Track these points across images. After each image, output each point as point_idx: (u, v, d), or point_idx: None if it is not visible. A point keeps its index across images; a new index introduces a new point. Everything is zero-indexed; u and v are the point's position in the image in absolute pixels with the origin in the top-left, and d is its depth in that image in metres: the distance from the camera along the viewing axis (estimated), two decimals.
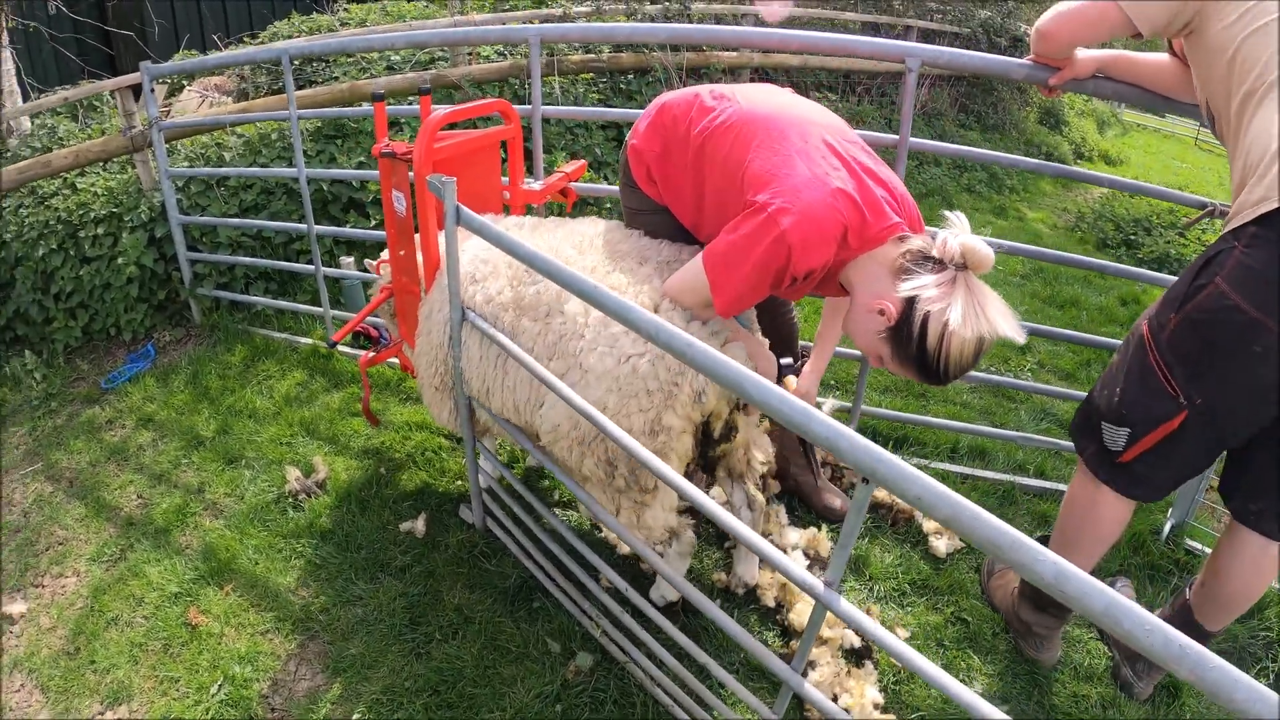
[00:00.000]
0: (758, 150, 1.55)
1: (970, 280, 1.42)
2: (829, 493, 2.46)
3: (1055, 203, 7.10)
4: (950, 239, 1.44)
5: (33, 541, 2.68)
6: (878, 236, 1.52)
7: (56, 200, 3.81)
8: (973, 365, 1.46)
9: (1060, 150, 8.66)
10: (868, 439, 1.01)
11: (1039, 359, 3.60)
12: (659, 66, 4.84)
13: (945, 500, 0.83)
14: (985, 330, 1.40)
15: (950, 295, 1.41)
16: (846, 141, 1.61)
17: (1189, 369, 1.47)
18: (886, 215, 1.53)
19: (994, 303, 1.42)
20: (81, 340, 3.88)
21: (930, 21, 7.50)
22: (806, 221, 1.45)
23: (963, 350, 1.42)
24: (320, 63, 4.78)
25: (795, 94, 1.78)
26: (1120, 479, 1.67)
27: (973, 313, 1.39)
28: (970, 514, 0.81)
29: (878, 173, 1.59)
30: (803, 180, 1.48)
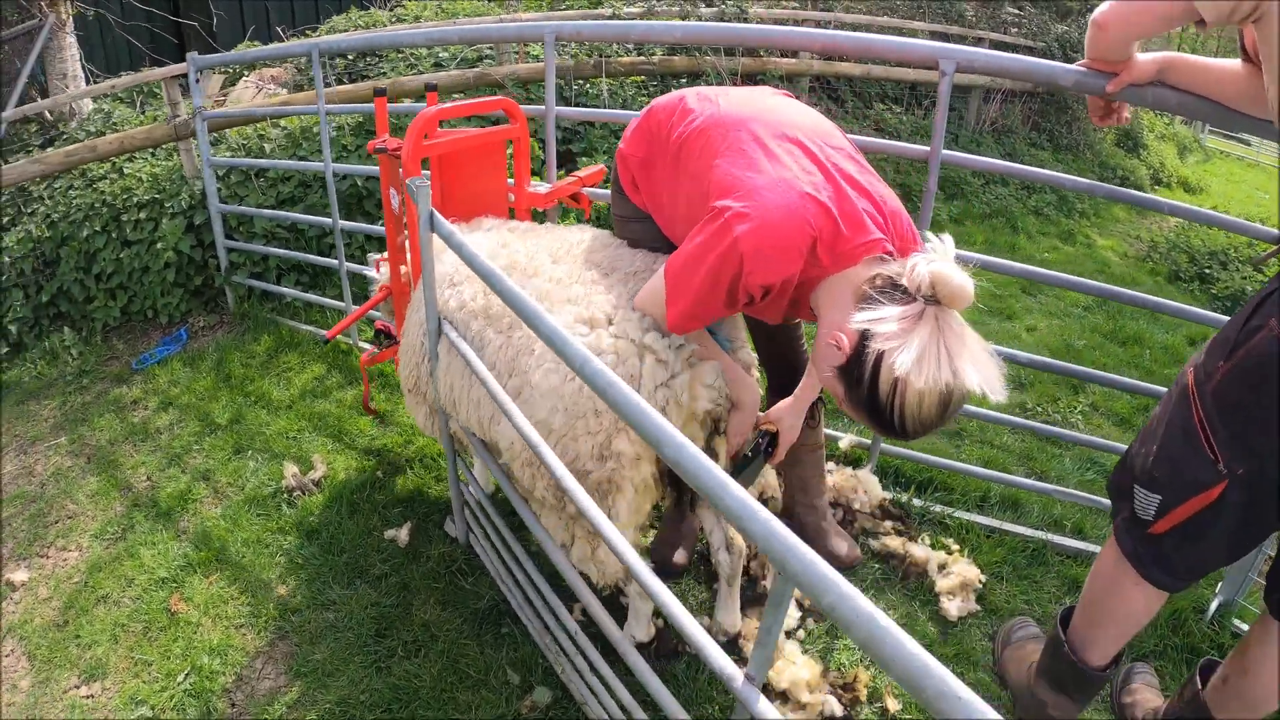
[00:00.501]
0: (725, 153, 1.47)
1: (942, 317, 1.24)
2: (835, 537, 2.36)
3: (1128, 230, 6.75)
4: (920, 264, 1.26)
5: (45, 513, 2.85)
6: (854, 252, 1.39)
7: (104, 184, 4.10)
8: (939, 421, 1.28)
9: (1137, 175, 8.23)
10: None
11: (1092, 401, 3.39)
12: (712, 71, 4.83)
13: (863, 620, 0.71)
14: (946, 381, 1.20)
15: (910, 334, 1.23)
16: (830, 147, 1.49)
17: (1233, 429, 1.31)
18: (866, 230, 1.40)
19: (967, 347, 1.24)
20: (120, 320, 4.14)
21: (1005, 34, 7.27)
22: (763, 229, 1.34)
23: (921, 402, 1.23)
24: (374, 58, 4.98)
25: (786, 97, 1.70)
26: (1145, 555, 1.52)
27: (934, 358, 1.21)
28: (893, 643, 0.69)
29: (862, 183, 1.46)
30: (767, 182, 1.38)
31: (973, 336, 1.27)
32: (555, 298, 1.62)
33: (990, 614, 2.21)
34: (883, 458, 2.70)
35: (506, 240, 1.88)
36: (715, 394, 1.56)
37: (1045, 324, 4.23)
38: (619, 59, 4.82)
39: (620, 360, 1.50)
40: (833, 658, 2.03)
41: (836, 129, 1.61)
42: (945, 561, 2.29)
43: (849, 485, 2.53)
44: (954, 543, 2.36)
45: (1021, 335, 4.07)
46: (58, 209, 4.07)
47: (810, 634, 2.08)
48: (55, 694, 2.10)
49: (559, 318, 1.54)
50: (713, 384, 1.56)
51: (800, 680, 1.87)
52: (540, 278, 1.67)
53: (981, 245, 5.45)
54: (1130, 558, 1.54)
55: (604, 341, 1.51)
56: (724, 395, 1.59)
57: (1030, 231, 5.95)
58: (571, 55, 4.72)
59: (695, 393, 1.54)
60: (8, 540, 2.75)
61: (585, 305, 1.57)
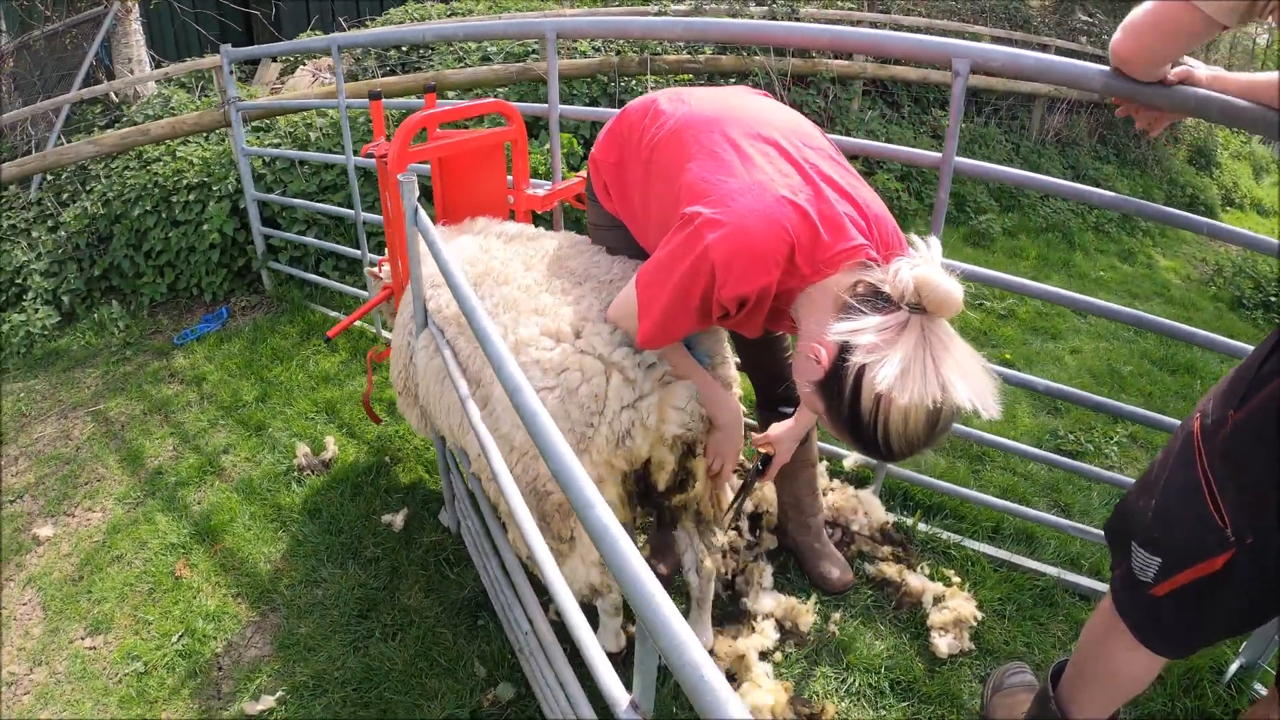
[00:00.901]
0: (696, 156, 1.41)
1: (929, 327, 1.17)
2: (827, 560, 2.35)
3: (1194, 251, 6.42)
4: (903, 269, 1.19)
5: (76, 474, 3.09)
6: (834, 259, 1.32)
7: (157, 165, 4.41)
8: (928, 441, 1.20)
9: (1208, 194, 7.83)
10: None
11: (1131, 431, 3.25)
12: (760, 71, 4.84)
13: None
14: (934, 396, 1.13)
15: (892, 345, 1.16)
16: (808, 148, 1.44)
17: (1243, 489, 1.18)
18: (847, 235, 1.34)
19: (956, 358, 1.16)
20: (166, 296, 4.44)
21: (1073, 42, 7.03)
22: (736, 237, 1.28)
23: (906, 420, 1.16)
24: (427, 50, 5.18)
25: (761, 96, 1.65)
26: (1142, 617, 1.41)
27: (919, 372, 1.14)
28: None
29: (843, 185, 1.40)
30: (740, 186, 1.32)
31: (962, 347, 1.20)
32: (523, 307, 1.59)
33: (986, 654, 2.15)
34: (889, 479, 2.67)
35: (489, 245, 1.89)
36: (686, 417, 1.51)
37: (1091, 346, 4.08)
38: (665, 57, 4.87)
39: (585, 378, 1.46)
40: (806, 685, 2.02)
41: (816, 129, 1.56)
42: (942, 594, 2.25)
43: (849, 505, 2.51)
44: (955, 575, 2.32)
45: (1064, 357, 3.94)
46: (113, 188, 4.40)
47: (788, 658, 2.08)
48: (62, 643, 2.29)
49: (525, 329, 1.53)
50: (684, 407, 1.51)
51: (763, 705, 1.85)
52: (510, 285, 1.65)
53: (1034, 261, 5.30)
54: (1126, 618, 1.43)
55: (569, 358, 1.47)
56: (696, 418, 1.54)
57: (1088, 248, 5.74)
58: (618, 52, 4.80)
59: (664, 415, 1.49)
60: (39, 497, 2.99)
61: (552, 317, 1.53)
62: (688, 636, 0.66)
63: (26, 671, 2.22)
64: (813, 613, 2.20)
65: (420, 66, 5.15)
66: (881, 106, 6.07)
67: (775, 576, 2.31)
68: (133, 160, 4.60)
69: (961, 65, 1.86)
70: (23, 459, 3.26)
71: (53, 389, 3.79)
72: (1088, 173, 6.70)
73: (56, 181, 4.76)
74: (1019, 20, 7.12)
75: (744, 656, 2.02)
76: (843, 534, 2.50)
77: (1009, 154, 6.37)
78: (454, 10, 5.59)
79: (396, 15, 5.60)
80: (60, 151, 4.31)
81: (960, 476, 2.79)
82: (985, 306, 4.39)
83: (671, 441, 1.54)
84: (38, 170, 4.49)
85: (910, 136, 5.93)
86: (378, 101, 2.31)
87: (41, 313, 4.19)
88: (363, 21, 5.92)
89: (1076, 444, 3.12)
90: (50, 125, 4.99)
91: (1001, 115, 6.70)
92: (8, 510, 2.93)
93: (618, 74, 4.66)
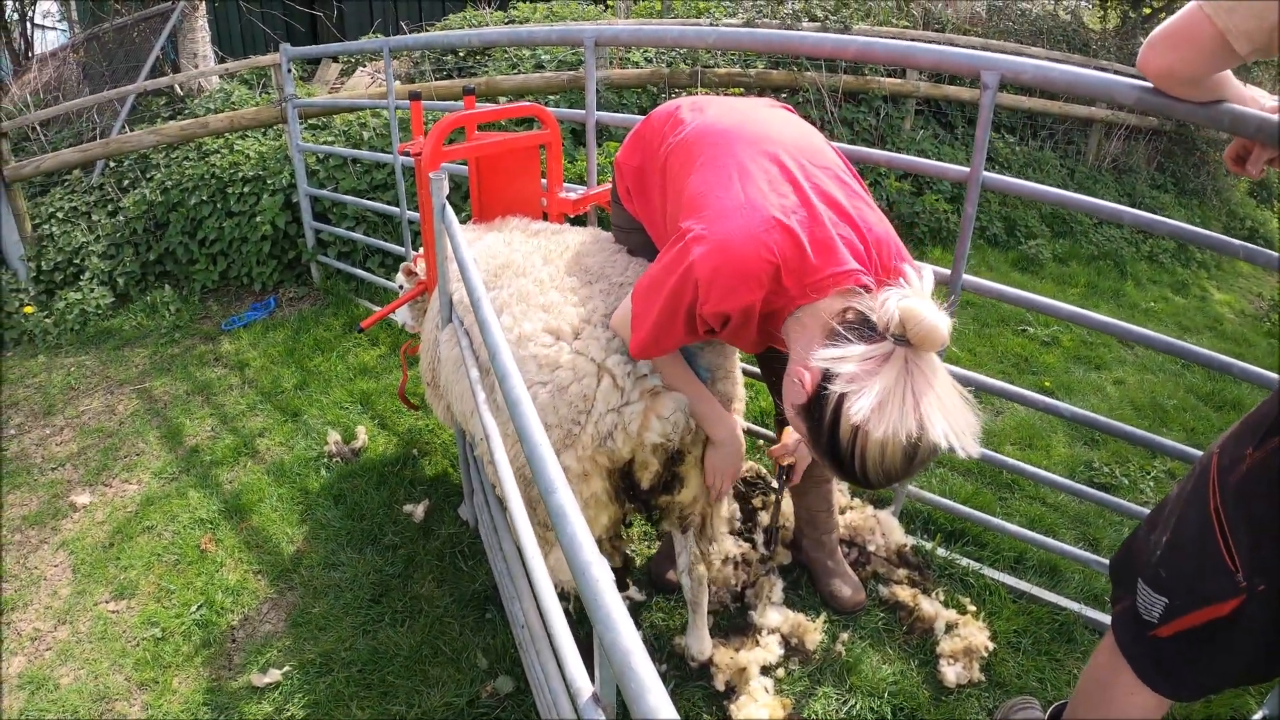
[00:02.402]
0: (699, 169, 1.45)
1: (913, 360, 1.16)
2: (839, 579, 2.33)
3: (1250, 285, 6.17)
4: (891, 299, 1.18)
5: (117, 447, 3.24)
6: (822, 283, 1.33)
7: (215, 157, 4.61)
8: (905, 473, 1.20)
9: (1268, 228, 7.51)
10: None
11: (1169, 467, 3.15)
12: (810, 86, 4.84)
13: None
14: (909, 431, 1.13)
15: (873, 376, 1.15)
16: (814, 166, 1.44)
17: (1257, 532, 1.14)
18: (838, 259, 1.34)
19: (939, 394, 1.16)
20: (217, 283, 4.63)
21: (1133, 66, 6.85)
22: (720, 252, 1.31)
23: (883, 452, 1.16)
24: (483, 56, 5.33)
25: (783, 109, 1.67)
26: (1145, 659, 1.36)
27: (896, 406, 1.13)
28: None
29: (846, 207, 1.40)
30: (732, 205, 1.35)
31: (946, 382, 1.19)
32: (532, 301, 1.64)
33: (996, 687, 2.11)
34: (911, 502, 2.64)
35: (512, 239, 1.95)
36: (668, 428, 1.54)
37: (1136, 378, 3.96)
38: (716, 69, 4.92)
39: (577, 377, 1.52)
40: (806, 704, 2.01)
41: (827, 147, 1.58)
42: (955, 622, 2.22)
43: (866, 525, 2.49)
44: (970, 603, 2.28)
45: (1107, 388, 3.84)
46: (172, 177, 4.62)
47: (790, 675, 2.07)
48: (88, 604, 2.41)
49: (529, 324, 1.58)
50: (667, 417, 1.54)
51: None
52: (527, 278, 1.71)
53: (1083, 288, 5.18)
54: (1128, 656, 1.39)
55: (563, 356, 1.53)
56: (679, 430, 1.56)
57: (1140, 278, 5.58)
58: (668, 63, 4.87)
59: (647, 423, 1.53)
60: (80, 467, 3.14)
61: (556, 314, 1.58)
62: (624, 624, 0.68)
63: (51, 629, 2.34)
64: (820, 631, 2.18)
65: (474, 71, 5.30)
66: (934, 126, 6.01)
67: (786, 592, 2.30)
68: (192, 151, 4.82)
69: (990, 78, 1.85)
70: (67, 429, 3.43)
71: (102, 365, 3.99)
72: (1144, 201, 6.53)
73: (118, 168, 5.02)
74: (1078, 44, 7.00)
75: (745, 670, 2.02)
76: (859, 554, 2.48)
77: (1064, 179, 6.25)
78: (511, 18, 5.74)
79: (455, 21, 5.78)
80: (123, 139, 4.55)
81: (985, 503, 2.74)
82: (1029, 333, 4.31)
83: (652, 447, 1.58)
84: (101, 156, 4.75)
85: (961, 158, 5.86)
86: (417, 102, 2.40)
87: (97, 293, 4.41)
88: (423, 25, 6.12)
89: (1110, 477, 3.04)
90: (115, 114, 5.27)
91: (1058, 139, 6.58)
92: (48, 476, 3.08)
93: (668, 85, 4.72)
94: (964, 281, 2.14)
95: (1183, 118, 1.59)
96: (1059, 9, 8.15)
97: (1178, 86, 1.47)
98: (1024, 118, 6.47)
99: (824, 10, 5.22)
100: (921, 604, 2.27)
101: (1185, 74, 1.38)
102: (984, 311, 4.46)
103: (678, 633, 2.16)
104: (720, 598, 2.26)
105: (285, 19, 6.62)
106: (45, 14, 8.29)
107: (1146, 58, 1.40)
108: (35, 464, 3.17)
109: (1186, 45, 1.31)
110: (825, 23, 4.93)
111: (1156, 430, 3.41)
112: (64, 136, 5.39)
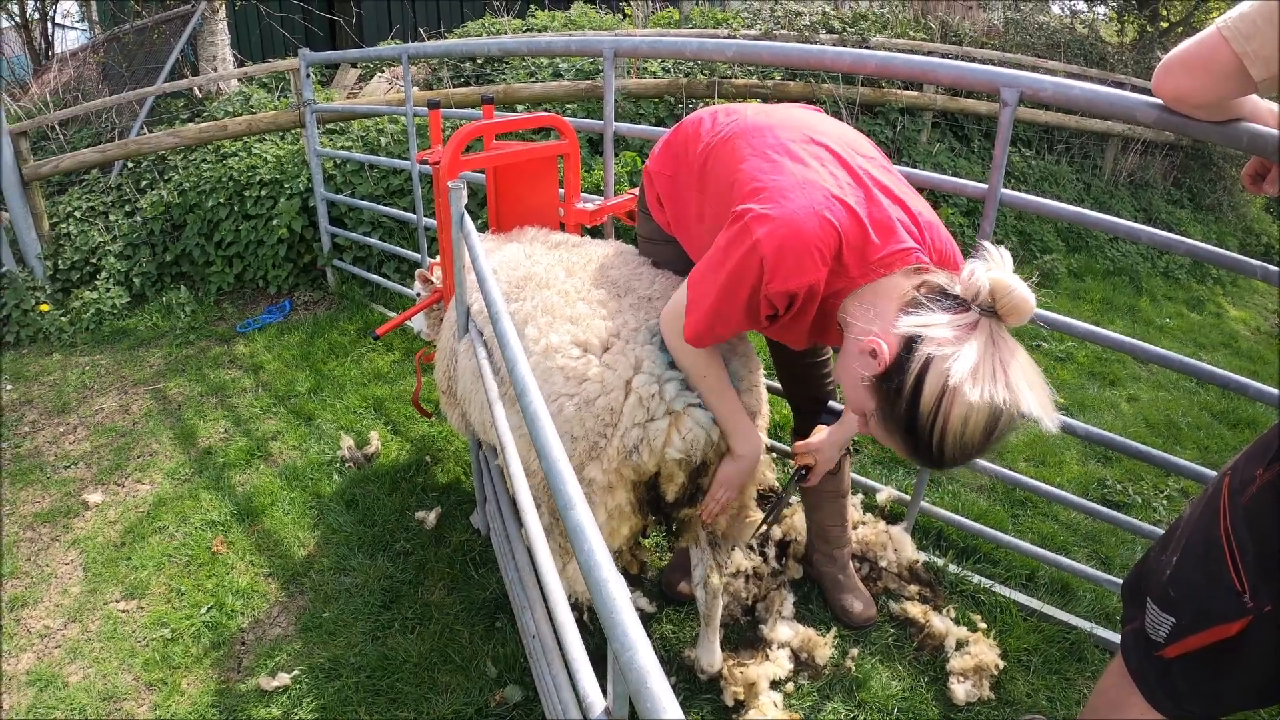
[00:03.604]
0: (749, 157, 1.45)
1: (997, 332, 1.17)
2: (850, 594, 2.33)
3: (1266, 302, 6.15)
4: (979, 270, 1.18)
5: (130, 447, 3.27)
6: (885, 261, 1.33)
7: (233, 160, 4.66)
8: (982, 447, 1.18)
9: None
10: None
11: (1183, 486, 3.13)
12: (829, 99, 4.86)
13: None
14: (1002, 398, 1.12)
15: (965, 341, 1.14)
16: (860, 155, 1.47)
17: (1265, 553, 1.14)
18: (898, 237, 1.35)
19: (1023, 368, 1.16)
20: (233, 286, 4.68)
21: (1150, 81, 6.83)
22: (785, 228, 1.30)
23: (967, 419, 1.14)
24: (502, 64, 5.37)
25: (815, 111, 1.68)
26: (1151, 679, 1.36)
27: (989, 371, 1.13)
28: None
29: (896, 191, 1.42)
30: (791, 183, 1.35)
31: (1026, 358, 1.19)
32: (558, 313, 1.65)
33: (1006, 705, 2.10)
34: (923, 518, 2.63)
35: (533, 252, 1.97)
36: (688, 446, 1.56)
37: (1150, 395, 3.94)
38: (733, 80, 4.94)
39: (604, 391, 1.54)
40: (815, 719, 2.01)
41: (867, 141, 1.59)
42: (965, 639, 2.22)
43: (879, 541, 2.49)
44: (981, 620, 2.28)
45: (1120, 405, 3.82)
46: (189, 179, 4.67)
47: (800, 689, 2.07)
48: (98, 603, 2.42)
49: (556, 336, 1.59)
50: (687, 435, 1.56)
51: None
52: (551, 290, 1.72)
53: (1098, 304, 5.17)
54: (1136, 677, 1.39)
55: (591, 369, 1.55)
56: (699, 447, 1.58)
57: (1155, 294, 5.57)
58: (686, 74, 4.89)
59: (669, 440, 1.55)
60: (93, 465, 3.17)
61: (584, 327, 1.59)
62: (641, 642, 0.69)
63: (61, 626, 2.36)
64: (831, 646, 2.18)
65: (492, 79, 5.33)
66: (951, 140, 6.02)
67: (797, 606, 2.30)
68: (210, 154, 4.87)
69: (1009, 94, 1.85)
70: (81, 428, 3.46)
71: (117, 365, 4.02)
72: (1160, 216, 6.51)
73: (136, 169, 5.07)
74: (1095, 57, 7.00)
75: (754, 684, 2.02)
76: (870, 569, 2.48)
77: (1080, 193, 6.24)
78: (529, 26, 5.79)
79: (473, 28, 5.83)
80: (141, 141, 4.60)
81: (998, 520, 2.74)
82: (1043, 348, 4.30)
83: (672, 465, 1.59)
84: (119, 157, 4.80)
85: (979, 172, 5.86)
86: (436, 111, 2.42)
87: (113, 292, 4.46)
88: (441, 32, 6.17)
89: (1124, 495, 3.03)
90: (134, 115, 5.32)
91: (1074, 154, 6.57)
92: (61, 474, 3.11)
93: (685, 96, 4.75)
94: None
95: (1200, 136, 1.60)
96: (1076, 22, 8.14)
97: (1193, 110, 1.49)
98: (1040, 131, 6.47)
99: (841, 22, 5.25)
100: (932, 620, 2.26)
101: (1199, 99, 1.39)
102: None
103: (688, 644, 2.16)
104: (731, 611, 2.26)
105: (304, 23, 6.69)
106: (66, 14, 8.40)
107: (1161, 81, 1.41)
108: (48, 461, 3.20)
109: (1202, 70, 1.32)
110: (843, 35, 4.95)
111: (1170, 449, 3.39)
112: (83, 136, 5.46)
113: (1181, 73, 1.36)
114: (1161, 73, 1.40)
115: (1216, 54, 1.26)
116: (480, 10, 6.89)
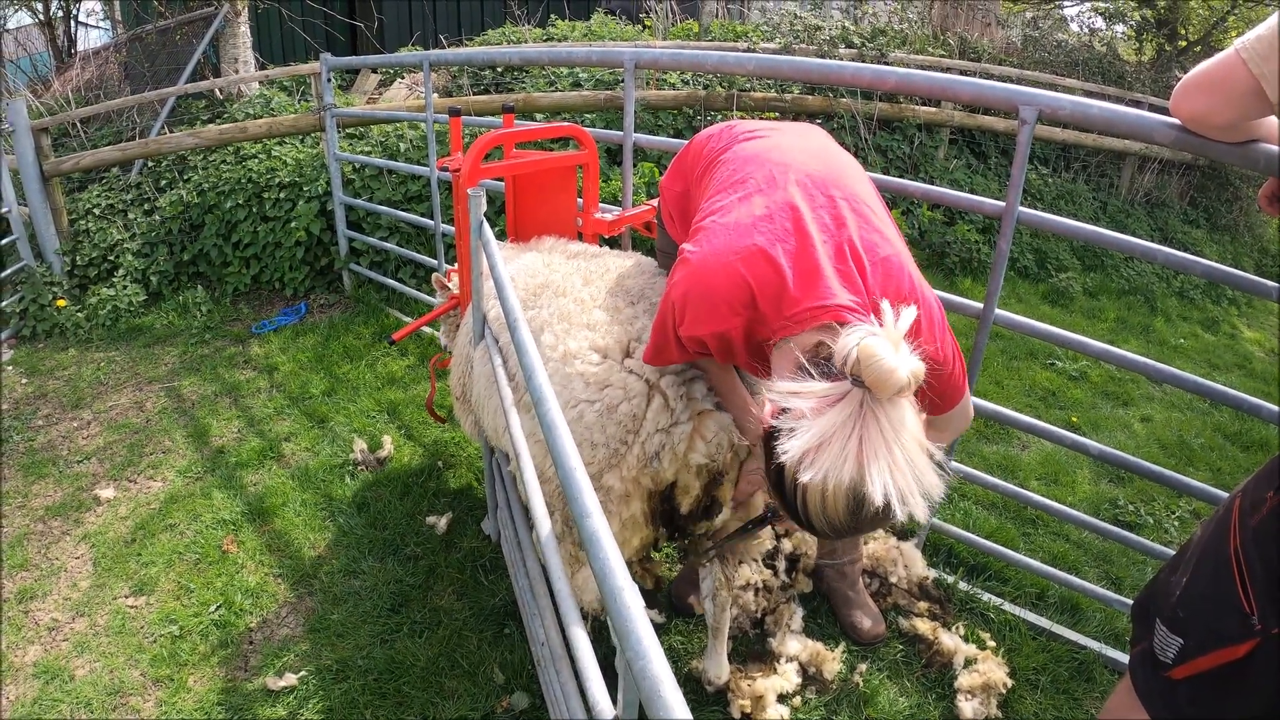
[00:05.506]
0: (715, 192, 1.48)
1: (871, 404, 1.06)
2: (860, 610, 2.33)
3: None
4: (852, 337, 1.09)
5: (143, 444, 3.30)
6: (797, 317, 1.27)
7: (253, 162, 4.72)
8: (853, 526, 1.12)
9: None
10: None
11: (1194, 507, 3.11)
12: (846, 113, 4.87)
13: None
14: (846, 478, 1.05)
15: (819, 416, 1.07)
16: (834, 195, 1.39)
17: (1275, 575, 1.14)
18: (822, 292, 1.26)
19: (889, 445, 1.06)
20: (249, 287, 4.72)
21: (1168, 100, 6.82)
22: (694, 277, 1.33)
23: (823, 498, 1.08)
24: (521, 72, 5.41)
25: (819, 134, 1.67)
26: (1158, 700, 1.35)
27: (836, 450, 1.05)
28: None
29: (855, 239, 1.33)
30: (721, 228, 1.36)
31: (909, 435, 1.08)
32: (575, 320, 1.65)
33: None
34: (934, 534, 2.63)
35: (551, 260, 1.98)
36: (713, 449, 1.56)
37: (1163, 416, 3.93)
38: (752, 94, 4.97)
39: (627, 396, 1.53)
40: None
41: (855, 174, 1.53)
42: (974, 657, 2.21)
43: (889, 556, 2.49)
44: (990, 638, 2.27)
45: (1134, 424, 3.81)
46: (209, 179, 4.73)
47: (807, 703, 2.07)
48: (106, 598, 2.45)
49: (574, 342, 1.60)
50: (711, 439, 1.55)
51: None
52: (567, 298, 1.72)
53: (1113, 323, 5.16)
54: (1143, 698, 1.38)
55: (613, 375, 1.54)
56: (723, 450, 1.58)
57: (1170, 314, 5.56)
58: (705, 86, 4.92)
59: (693, 444, 1.55)
60: (105, 461, 3.20)
61: (603, 333, 1.60)
62: (655, 651, 0.69)
63: (69, 620, 2.38)
64: (839, 661, 2.18)
65: (512, 88, 5.38)
66: (968, 156, 6.03)
67: (806, 620, 2.30)
68: (230, 155, 4.93)
69: (1028, 113, 1.85)
70: (95, 424, 3.50)
71: (132, 362, 4.06)
72: (1175, 235, 6.50)
73: (156, 169, 5.14)
74: (1113, 75, 7.00)
75: (762, 697, 2.02)
76: (880, 584, 2.48)
77: (1096, 212, 6.23)
78: (550, 35, 5.84)
79: (494, 36, 5.88)
80: (162, 140, 4.66)
81: (1009, 538, 2.73)
82: (1057, 367, 4.29)
83: (697, 469, 1.59)
84: (139, 156, 4.86)
85: (995, 189, 5.86)
86: (457, 118, 2.45)
87: (130, 290, 4.50)
88: (462, 40, 6.23)
89: (1135, 515, 3.02)
90: (155, 114, 5.40)
91: (1091, 172, 6.57)
92: (74, 469, 3.14)
93: (704, 108, 4.77)
94: (995, 316, 2.15)
95: (1218, 158, 1.62)
96: (1094, 40, 8.16)
97: (1210, 130, 1.49)
98: (1057, 149, 6.47)
99: (860, 37, 5.27)
100: (941, 637, 2.26)
101: (1217, 120, 1.41)
102: (1012, 344, 4.45)
103: (695, 656, 2.16)
104: (740, 624, 2.27)
105: (325, 27, 6.77)
106: (89, 13, 8.53)
107: (1179, 102, 1.43)
108: (61, 456, 3.23)
109: (1220, 91, 1.33)
110: (861, 50, 4.98)
111: (1183, 469, 3.38)
112: (104, 134, 5.53)
113: (1199, 94, 1.38)
114: (1179, 94, 1.42)
115: (1234, 75, 1.28)
116: (501, 17, 6.95)
